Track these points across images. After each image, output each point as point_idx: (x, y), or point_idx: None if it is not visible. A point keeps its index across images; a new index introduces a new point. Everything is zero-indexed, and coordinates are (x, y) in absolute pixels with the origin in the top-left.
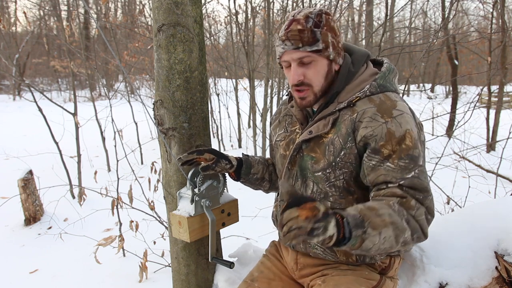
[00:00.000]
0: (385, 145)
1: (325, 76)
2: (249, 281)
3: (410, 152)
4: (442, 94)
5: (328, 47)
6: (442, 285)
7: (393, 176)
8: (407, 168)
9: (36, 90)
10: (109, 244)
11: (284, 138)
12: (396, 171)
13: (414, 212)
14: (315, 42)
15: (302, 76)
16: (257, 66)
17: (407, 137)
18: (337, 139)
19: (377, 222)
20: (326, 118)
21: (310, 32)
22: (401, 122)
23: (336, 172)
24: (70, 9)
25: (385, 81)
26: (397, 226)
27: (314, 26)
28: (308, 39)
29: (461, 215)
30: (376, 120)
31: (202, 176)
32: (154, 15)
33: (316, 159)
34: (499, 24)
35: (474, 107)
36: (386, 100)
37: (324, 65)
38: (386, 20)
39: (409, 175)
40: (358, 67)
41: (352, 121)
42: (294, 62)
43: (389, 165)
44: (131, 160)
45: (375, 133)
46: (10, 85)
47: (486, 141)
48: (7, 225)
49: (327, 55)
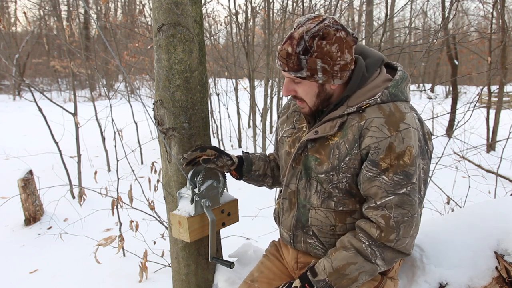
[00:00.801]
0: (384, 158)
1: (316, 95)
2: (249, 281)
3: (406, 169)
4: (442, 94)
5: (314, 74)
6: (442, 285)
7: (385, 190)
8: (400, 184)
9: (36, 90)
10: (109, 244)
11: (291, 134)
12: (389, 185)
13: (393, 244)
14: (300, 69)
15: (294, 92)
16: (257, 66)
17: (406, 153)
18: (343, 144)
19: (345, 283)
20: (333, 120)
21: (296, 59)
22: (404, 138)
23: (339, 175)
24: (70, 9)
25: (397, 89)
26: (365, 270)
27: (302, 52)
28: (293, 65)
29: (461, 215)
30: (383, 132)
31: (202, 176)
32: (154, 15)
33: (320, 161)
34: (499, 24)
35: (474, 107)
36: (396, 112)
37: (313, 86)
38: (386, 20)
39: (400, 191)
40: (371, 72)
41: (359, 128)
42: (286, 78)
43: (384, 178)
44: (131, 160)
45: (379, 146)
46: (10, 85)
47: (486, 141)
48: (7, 225)
49: (315, 80)
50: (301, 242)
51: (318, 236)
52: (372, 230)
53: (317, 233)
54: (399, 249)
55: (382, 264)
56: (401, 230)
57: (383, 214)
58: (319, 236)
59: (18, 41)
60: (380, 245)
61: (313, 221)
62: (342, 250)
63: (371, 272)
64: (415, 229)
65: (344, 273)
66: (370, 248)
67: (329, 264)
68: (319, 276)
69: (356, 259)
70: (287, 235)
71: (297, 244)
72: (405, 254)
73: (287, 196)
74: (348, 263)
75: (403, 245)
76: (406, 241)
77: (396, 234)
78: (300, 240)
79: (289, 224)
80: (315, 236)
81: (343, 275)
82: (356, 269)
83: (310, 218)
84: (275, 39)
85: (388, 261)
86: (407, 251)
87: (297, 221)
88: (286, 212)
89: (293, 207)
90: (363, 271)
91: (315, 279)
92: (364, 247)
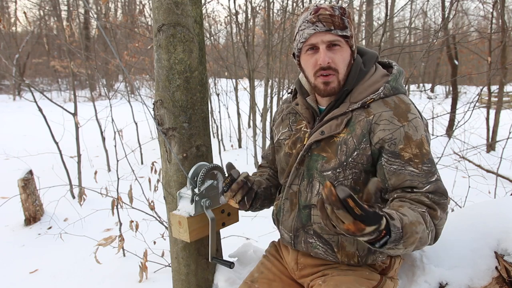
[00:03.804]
0: (404, 148)
1: (347, 64)
2: (249, 282)
3: (430, 156)
4: (442, 94)
5: (352, 36)
6: (442, 285)
7: (419, 181)
8: (430, 171)
9: (36, 90)
10: (109, 244)
11: (289, 136)
12: (421, 175)
13: (438, 221)
14: (345, 28)
15: (331, 59)
16: (257, 66)
17: (424, 142)
18: (351, 139)
19: (410, 241)
20: (338, 118)
21: (340, 19)
22: (416, 126)
23: (346, 172)
24: (70, 9)
25: (396, 83)
26: (421, 239)
27: (341, 14)
28: (339, 23)
29: (461, 215)
30: (394, 124)
31: (202, 176)
32: (154, 15)
33: (327, 159)
34: (499, 24)
35: (474, 107)
36: (401, 104)
37: (348, 53)
38: (386, 20)
39: (433, 178)
40: (368, 67)
41: (368, 123)
42: (323, 45)
43: (413, 170)
44: (131, 160)
45: (394, 136)
46: (10, 85)
47: (486, 141)
48: (7, 225)
49: (351, 44)
50: (301, 243)
51: (320, 234)
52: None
53: (320, 231)
54: (439, 229)
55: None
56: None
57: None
58: (321, 234)
59: (18, 41)
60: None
61: (316, 218)
62: (407, 208)
63: (423, 240)
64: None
65: (415, 230)
66: (428, 217)
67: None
68: (395, 221)
69: (422, 220)
70: (288, 236)
71: (297, 244)
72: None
73: (289, 196)
74: (418, 221)
75: (441, 226)
76: (443, 225)
77: (441, 211)
78: (300, 240)
79: (290, 225)
80: (316, 235)
81: (414, 232)
82: (423, 230)
83: (313, 216)
84: (275, 39)
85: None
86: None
87: (298, 222)
88: (287, 213)
89: (294, 208)
90: (421, 236)
91: (392, 222)
92: (426, 215)
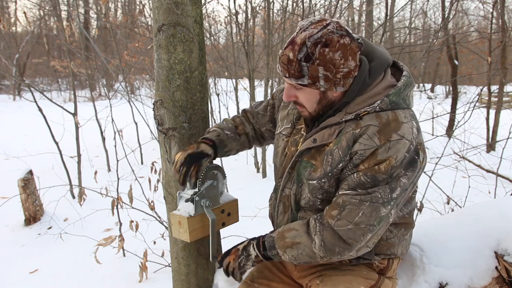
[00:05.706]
0: (363, 162)
1: (317, 102)
2: (249, 281)
3: (376, 175)
4: (442, 94)
5: (316, 81)
6: (442, 285)
7: (348, 184)
8: (363, 185)
9: (36, 90)
10: (109, 244)
11: (289, 134)
12: (354, 182)
13: (334, 222)
14: (301, 77)
15: (294, 97)
16: (257, 66)
17: (385, 162)
18: (337, 151)
19: (281, 244)
20: (332, 127)
21: (298, 65)
22: (391, 148)
23: (331, 181)
24: (70, 9)
25: (398, 97)
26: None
27: (304, 58)
28: (294, 72)
29: (461, 215)
30: (372, 141)
31: (202, 176)
32: (154, 15)
33: (315, 167)
34: (499, 24)
35: (474, 107)
36: (393, 121)
37: (314, 94)
38: (386, 20)
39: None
40: (374, 78)
41: (353, 135)
42: (286, 83)
43: (354, 175)
44: (131, 160)
45: (365, 154)
46: (10, 85)
47: (486, 141)
48: (7, 225)
49: (316, 88)
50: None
51: None
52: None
53: None
54: (339, 231)
55: (320, 244)
56: (345, 210)
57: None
58: None
59: (18, 41)
60: (324, 223)
61: None
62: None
63: (307, 247)
64: (363, 221)
65: (284, 235)
66: (314, 222)
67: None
68: (273, 233)
69: (299, 227)
70: None
71: None
72: (346, 244)
73: (282, 199)
74: (291, 228)
75: (343, 228)
76: (348, 226)
77: (338, 211)
78: None
79: None
80: None
81: (283, 236)
82: (294, 236)
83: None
84: (275, 39)
85: (327, 245)
86: (349, 240)
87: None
88: (281, 214)
89: (287, 210)
90: (299, 242)
91: (269, 233)
92: (312, 219)
